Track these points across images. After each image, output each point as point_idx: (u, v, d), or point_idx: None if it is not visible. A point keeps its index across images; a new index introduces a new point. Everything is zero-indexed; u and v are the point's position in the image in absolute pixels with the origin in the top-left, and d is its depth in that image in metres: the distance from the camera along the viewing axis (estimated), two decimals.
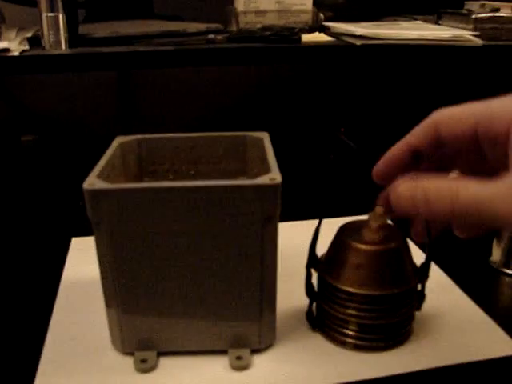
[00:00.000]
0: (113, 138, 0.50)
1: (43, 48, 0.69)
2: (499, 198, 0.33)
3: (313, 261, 0.46)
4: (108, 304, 0.43)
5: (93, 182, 0.39)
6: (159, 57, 0.68)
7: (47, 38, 0.69)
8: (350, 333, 0.46)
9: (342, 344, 0.46)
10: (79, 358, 0.45)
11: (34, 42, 0.72)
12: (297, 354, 0.45)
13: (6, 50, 0.65)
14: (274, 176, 0.40)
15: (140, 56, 0.68)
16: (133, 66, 0.70)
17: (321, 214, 0.44)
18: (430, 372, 0.44)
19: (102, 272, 0.42)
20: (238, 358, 0.44)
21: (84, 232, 0.65)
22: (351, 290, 0.44)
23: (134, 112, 0.97)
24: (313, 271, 0.47)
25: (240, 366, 0.43)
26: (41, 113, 0.98)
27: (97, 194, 0.39)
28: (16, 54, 0.65)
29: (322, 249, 0.47)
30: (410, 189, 0.37)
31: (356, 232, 0.45)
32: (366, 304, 0.44)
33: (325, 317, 0.47)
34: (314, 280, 0.47)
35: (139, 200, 0.39)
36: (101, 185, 0.39)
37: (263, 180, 0.39)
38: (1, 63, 0.64)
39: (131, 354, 0.45)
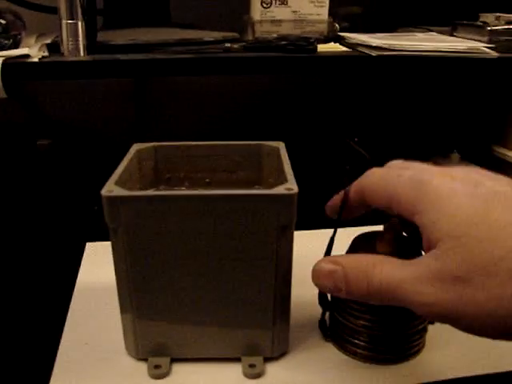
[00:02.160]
0: (128, 144, 0.51)
1: (62, 54, 0.70)
2: (407, 283, 0.34)
3: None
4: (123, 310, 0.44)
5: (111, 188, 0.40)
6: (176, 64, 0.69)
7: (66, 44, 0.70)
8: (361, 344, 0.46)
9: (354, 354, 0.46)
10: (93, 363, 0.45)
11: (53, 48, 0.73)
12: (309, 363, 0.46)
13: (27, 56, 0.66)
14: (291, 186, 0.40)
15: (158, 64, 0.69)
16: (150, 74, 0.70)
17: (336, 224, 0.45)
18: None
19: (117, 278, 0.43)
20: (251, 365, 0.44)
21: (98, 237, 0.66)
22: (362, 301, 0.44)
23: (149, 119, 0.98)
24: None
25: (253, 373, 0.44)
26: (57, 118, 0.99)
27: (115, 200, 0.39)
28: (36, 60, 0.66)
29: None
30: (331, 268, 0.38)
31: (370, 243, 0.45)
32: (377, 316, 0.45)
33: (337, 327, 0.47)
34: None
35: (157, 207, 0.39)
36: (119, 192, 0.40)
37: (280, 190, 0.40)
38: (21, 69, 0.65)
39: (145, 359, 0.45)
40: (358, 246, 0.46)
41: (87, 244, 0.65)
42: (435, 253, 0.34)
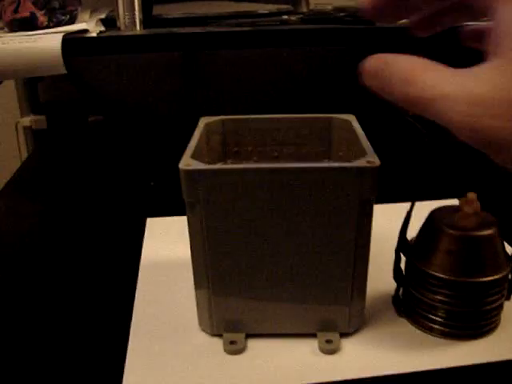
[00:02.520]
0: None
1: (118, 29, 0.70)
2: (451, 99, 0.28)
3: (403, 245, 0.46)
4: (198, 285, 0.44)
5: (188, 162, 0.39)
6: (234, 37, 0.68)
7: (123, 19, 0.69)
8: (438, 319, 0.45)
9: (429, 330, 0.46)
10: (167, 340, 0.45)
11: (109, 23, 0.72)
12: (384, 339, 0.45)
13: (85, 31, 0.66)
14: (372, 159, 0.39)
15: (214, 36, 0.68)
16: (207, 47, 0.69)
17: (413, 197, 0.44)
18: None
19: (193, 253, 0.42)
20: (328, 341, 0.44)
21: (156, 213, 0.66)
22: (441, 275, 0.43)
23: (198, 93, 0.97)
24: (402, 255, 0.46)
25: (329, 349, 0.43)
26: (106, 94, 0.99)
27: (193, 174, 0.39)
28: (94, 34, 0.66)
29: (411, 233, 0.46)
30: (377, 65, 0.33)
31: (448, 217, 0.44)
32: (456, 291, 0.43)
33: (412, 302, 0.46)
34: (403, 264, 0.47)
35: (236, 181, 0.39)
36: (197, 165, 0.39)
37: (362, 163, 0.39)
38: (80, 44, 0.65)
39: (219, 335, 0.45)
40: (436, 220, 0.45)
41: (148, 220, 0.65)
42: (502, 62, 0.28)
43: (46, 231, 0.65)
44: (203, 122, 0.49)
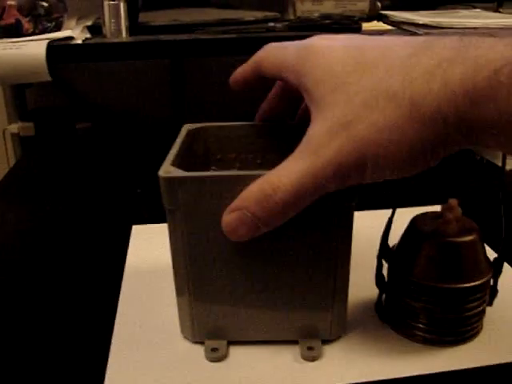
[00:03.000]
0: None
1: (104, 36, 0.70)
2: (305, 166, 0.33)
3: (384, 251, 0.46)
4: (179, 292, 0.44)
5: (168, 169, 0.39)
6: (221, 44, 0.68)
7: (108, 26, 0.69)
8: (420, 326, 0.45)
9: (411, 336, 0.46)
10: (149, 347, 0.45)
11: (95, 30, 0.72)
12: (366, 345, 0.45)
13: (70, 38, 0.66)
14: None
15: (201, 44, 0.68)
16: (193, 54, 0.70)
17: (394, 204, 0.44)
18: (499, 367, 0.43)
19: (174, 260, 0.42)
20: (309, 348, 0.44)
21: (142, 220, 0.66)
22: (423, 282, 0.43)
23: (186, 100, 0.97)
24: (384, 262, 0.46)
25: (311, 356, 0.43)
26: (94, 101, 0.99)
27: (173, 181, 0.39)
28: (79, 42, 0.66)
29: (393, 239, 0.46)
30: (236, 216, 0.36)
31: (430, 224, 0.44)
32: (437, 297, 0.44)
33: (394, 309, 0.46)
34: (385, 271, 0.47)
35: (216, 188, 0.39)
36: (177, 173, 0.39)
37: None
38: (65, 51, 0.64)
39: (201, 343, 0.45)
40: (418, 226, 0.45)
41: (133, 227, 0.65)
42: (319, 114, 0.33)
43: (31, 238, 0.64)
44: (186, 128, 0.49)
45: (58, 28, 0.72)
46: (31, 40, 0.65)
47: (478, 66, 0.29)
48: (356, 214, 0.41)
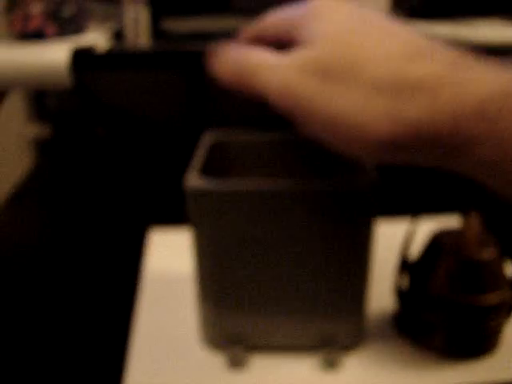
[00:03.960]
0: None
1: (127, 44, 0.71)
2: (271, 68, 0.34)
3: (404, 263, 0.46)
4: (200, 299, 0.44)
5: (196, 181, 0.40)
6: None
7: (131, 33, 0.70)
8: (438, 339, 0.45)
9: (429, 349, 0.46)
10: (168, 353, 0.46)
11: (117, 37, 0.73)
12: (384, 357, 0.45)
13: (93, 44, 0.67)
14: (372, 174, 0.40)
15: None
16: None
17: (415, 215, 0.44)
18: None
19: (197, 268, 0.43)
20: (328, 356, 0.44)
21: (158, 225, 0.66)
22: (442, 297, 0.44)
23: (204, 108, 0.98)
24: (403, 275, 0.47)
25: (329, 364, 0.44)
26: (113, 108, 1.00)
27: (200, 194, 0.39)
28: (102, 49, 0.67)
29: (413, 247, 0.47)
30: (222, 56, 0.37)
31: (450, 239, 0.45)
32: (456, 313, 0.44)
33: (413, 321, 0.47)
34: (404, 283, 0.47)
35: (241, 200, 0.39)
36: (205, 185, 0.39)
37: (362, 180, 0.39)
38: (88, 58, 0.65)
39: (221, 348, 0.45)
40: (439, 241, 0.45)
41: (151, 230, 0.65)
42: (311, 45, 0.33)
43: (49, 243, 0.65)
44: (207, 136, 0.49)
45: (82, 33, 0.73)
46: (54, 45, 0.65)
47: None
48: (378, 222, 0.41)
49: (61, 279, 0.57)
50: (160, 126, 0.92)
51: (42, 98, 1.00)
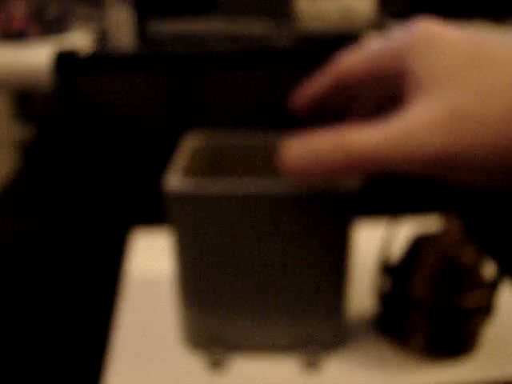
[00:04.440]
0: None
1: (110, 46, 0.70)
2: (393, 138, 0.30)
3: (385, 266, 0.46)
4: (181, 300, 0.44)
5: (174, 183, 0.39)
6: (226, 59, 0.68)
7: (115, 35, 0.70)
8: (418, 340, 0.45)
9: (410, 350, 0.46)
10: (149, 353, 0.45)
11: (101, 38, 0.73)
12: (365, 358, 0.45)
13: (76, 46, 0.66)
14: (352, 181, 0.40)
15: (210, 57, 0.68)
16: (200, 68, 0.70)
17: (396, 216, 0.44)
18: (495, 383, 0.43)
19: (178, 270, 0.43)
20: (308, 356, 0.44)
21: (142, 225, 0.65)
22: (422, 299, 0.44)
23: (188, 110, 0.97)
24: (384, 276, 0.46)
25: (309, 364, 0.44)
26: (96, 110, 0.99)
27: (180, 196, 0.39)
28: (86, 51, 0.66)
29: (394, 251, 0.47)
30: (296, 149, 0.34)
31: (431, 241, 0.45)
32: (437, 314, 0.44)
33: (393, 322, 0.46)
34: (386, 284, 0.47)
35: (222, 203, 0.39)
36: (183, 187, 0.39)
37: (342, 185, 0.39)
38: (71, 61, 0.65)
39: (201, 349, 0.45)
40: (420, 243, 0.45)
41: (133, 231, 0.65)
42: (424, 99, 0.30)
43: (32, 244, 0.64)
44: (189, 137, 0.49)
45: (65, 34, 0.73)
46: (37, 46, 0.65)
47: None
48: (358, 223, 0.41)
49: (43, 280, 0.56)
50: (144, 128, 0.92)
51: (26, 101, 0.99)
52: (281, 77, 0.91)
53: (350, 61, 0.36)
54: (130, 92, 0.91)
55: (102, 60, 0.67)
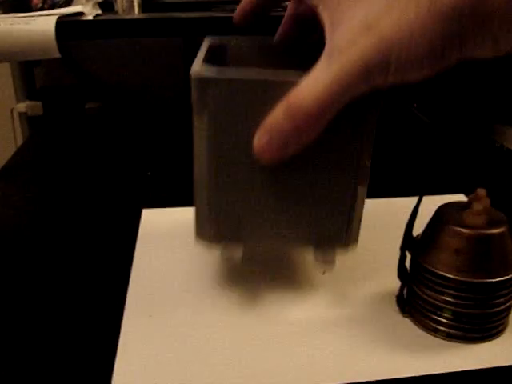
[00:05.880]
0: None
1: (116, 13, 0.68)
2: (326, 79, 0.33)
3: (408, 242, 0.44)
4: (199, 191, 0.43)
5: (199, 69, 0.39)
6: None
7: (120, 2, 0.67)
8: (444, 320, 0.43)
9: (434, 331, 0.44)
10: (159, 337, 0.43)
11: (106, 6, 0.70)
12: (386, 340, 0.43)
13: (80, 13, 0.64)
14: None
15: (215, 22, 0.65)
16: (208, 32, 0.67)
17: (419, 192, 0.41)
18: None
19: (196, 158, 0.42)
20: (323, 255, 0.44)
21: (152, 203, 0.64)
22: (448, 275, 0.41)
23: None
24: (407, 253, 0.44)
25: (325, 261, 0.44)
26: (105, 80, 0.97)
27: (204, 82, 0.38)
28: (90, 18, 0.64)
29: (417, 229, 0.44)
30: (266, 138, 0.37)
31: (456, 214, 0.42)
32: (464, 291, 0.41)
33: (417, 302, 0.44)
34: (408, 262, 0.45)
35: (250, 91, 0.38)
36: (209, 73, 0.39)
37: None
38: (75, 27, 0.62)
39: (215, 244, 0.44)
40: (444, 216, 0.43)
41: (144, 211, 0.63)
42: (336, 23, 0.34)
43: (38, 220, 0.63)
44: (208, 40, 0.49)
45: (68, 3, 0.70)
46: (40, 15, 0.62)
47: None
48: (380, 201, 0.39)
49: (49, 256, 0.55)
50: (153, 98, 0.90)
51: (31, 73, 0.97)
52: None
53: None
54: (136, 58, 0.89)
55: (106, 24, 0.65)
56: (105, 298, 0.48)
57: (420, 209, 0.43)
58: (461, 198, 0.57)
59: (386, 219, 0.45)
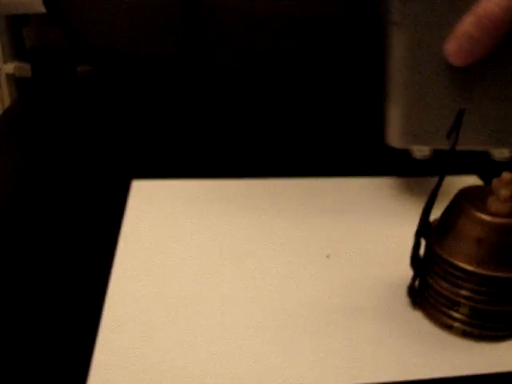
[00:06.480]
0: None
1: None
2: None
3: (424, 228, 0.39)
4: (392, 99, 0.47)
5: None
6: None
7: None
8: (460, 316, 0.39)
9: (448, 328, 0.40)
10: (141, 322, 0.39)
11: None
12: (394, 336, 0.39)
13: None
14: None
15: None
16: None
17: (442, 171, 0.37)
18: None
19: (390, 69, 0.47)
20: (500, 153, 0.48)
21: (143, 174, 0.59)
22: (468, 267, 0.37)
23: (200, 43, 0.90)
24: (423, 240, 0.40)
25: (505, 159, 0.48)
26: (96, 41, 0.92)
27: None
28: None
29: (435, 212, 0.40)
30: (456, 42, 0.42)
31: (479, 200, 0.38)
32: (485, 286, 0.37)
33: (430, 295, 0.40)
34: (423, 250, 0.40)
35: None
36: None
37: None
38: None
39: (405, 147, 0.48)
40: (465, 202, 0.38)
41: (133, 182, 0.58)
42: None
43: (23, 187, 0.59)
44: None
45: None
46: None
47: None
48: (400, 181, 0.36)
49: (32, 226, 0.51)
50: (148, 61, 0.85)
51: (19, 34, 0.92)
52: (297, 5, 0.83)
53: None
54: (130, 18, 0.83)
55: None
56: (88, 276, 0.45)
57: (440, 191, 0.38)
58: (474, 179, 0.53)
59: (405, 201, 0.41)
